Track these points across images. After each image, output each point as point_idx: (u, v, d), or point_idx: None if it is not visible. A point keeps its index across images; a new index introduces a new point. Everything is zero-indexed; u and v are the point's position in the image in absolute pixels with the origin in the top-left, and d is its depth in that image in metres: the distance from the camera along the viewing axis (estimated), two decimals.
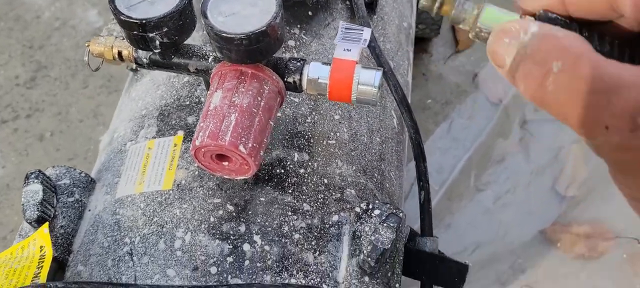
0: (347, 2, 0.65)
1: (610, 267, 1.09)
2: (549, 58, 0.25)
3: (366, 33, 0.41)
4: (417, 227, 0.58)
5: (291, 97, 0.54)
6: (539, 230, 1.14)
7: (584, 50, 0.25)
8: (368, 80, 0.41)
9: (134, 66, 0.46)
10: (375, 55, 0.60)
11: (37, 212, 0.46)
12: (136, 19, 0.38)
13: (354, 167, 0.53)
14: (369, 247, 0.45)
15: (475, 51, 1.38)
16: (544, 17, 0.29)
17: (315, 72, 0.41)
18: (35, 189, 0.46)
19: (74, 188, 0.51)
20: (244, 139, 0.39)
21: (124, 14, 0.38)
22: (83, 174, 0.52)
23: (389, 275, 0.47)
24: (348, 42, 0.42)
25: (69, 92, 1.32)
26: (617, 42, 0.27)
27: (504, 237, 1.14)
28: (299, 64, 0.42)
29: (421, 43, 1.38)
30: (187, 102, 0.54)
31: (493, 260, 1.12)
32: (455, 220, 1.15)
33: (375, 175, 0.56)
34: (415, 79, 1.32)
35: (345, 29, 0.41)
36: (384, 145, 0.60)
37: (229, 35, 0.36)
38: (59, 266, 0.48)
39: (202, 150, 0.40)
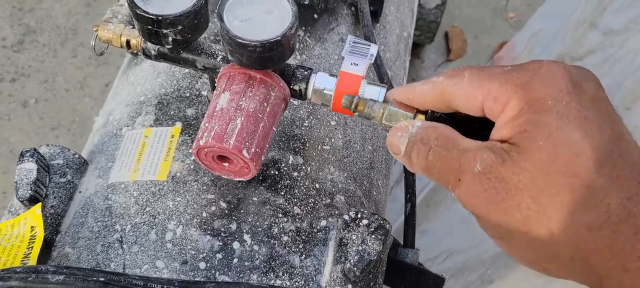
0: (352, 8, 0.65)
1: (573, 283, 1.13)
2: (430, 139, 0.36)
3: (373, 49, 0.42)
4: (393, 228, 0.60)
5: (291, 99, 0.55)
6: None
7: (450, 132, 0.36)
8: (373, 96, 0.42)
9: (142, 54, 0.46)
10: (376, 65, 0.61)
11: (30, 191, 0.46)
12: (152, 15, 0.38)
13: (345, 174, 0.55)
14: (356, 257, 0.46)
15: (466, 61, 1.40)
16: (430, 116, 0.39)
17: (322, 82, 0.42)
18: (30, 168, 0.46)
19: (67, 169, 0.51)
20: (247, 144, 0.39)
21: (140, 8, 0.38)
22: (77, 156, 0.52)
23: (371, 284, 0.48)
24: (355, 55, 0.43)
25: (57, 60, 1.30)
26: (475, 126, 0.38)
27: (476, 247, 1.16)
28: (306, 72, 0.43)
29: (414, 49, 1.39)
30: (187, 94, 0.54)
31: (464, 269, 1.15)
32: (432, 227, 1.18)
33: (365, 183, 0.57)
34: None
35: (353, 42, 0.42)
36: (374, 154, 0.61)
37: (243, 41, 0.37)
38: (46, 245, 0.48)
39: (205, 150, 0.40)
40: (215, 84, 0.43)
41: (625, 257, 0.30)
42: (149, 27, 0.39)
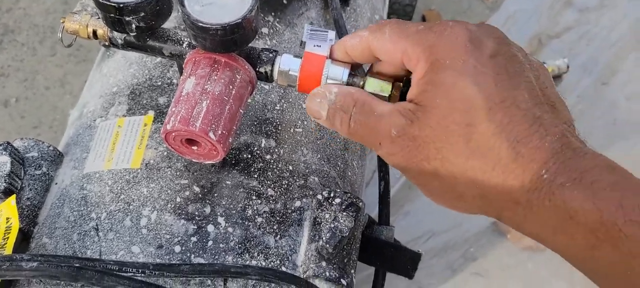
0: None
1: (554, 259, 1.15)
2: (349, 107, 0.39)
3: (331, 34, 0.43)
4: (376, 213, 0.61)
5: (262, 85, 0.56)
6: (492, 221, 1.19)
7: (365, 97, 0.39)
8: (337, 75, 0.43)
9: (110, 43, 0.47)
10: None
11: (4, 184, 0.46)
12: (114, 3, 0.38)
13: (319, 155, 0.55)
14: (328, 234, 0.47)
15: None
16: (406, 83, 0.41)
17: (287, 64, 0.43)
18: (3, 161, 0.47)
19: (42, 162, 0.51)
20: (214, 126, 0.40)
21: None
22: (51, 148, 0.53)
23: (345, 260, 0.49)
24: (315, 40, 0.43)
25: (36, 59, 1.30)
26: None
27: (459, 226, 1.18)
28: (271, 55, 0.43)
29: None
30: (159, 83, 0.55)
31: (447, 248, 1.16)
32: (414, 208, 1.19)
33: (339, 163, 0.58)
34: None
35: (311, 31, 0.43)
36: None
37: (204, 25, 0.38)
38: (23, 237, 0.49)
39: (173, 134, 0.41)
40: (183, 70, 0.44)
41: (515, 192, 0.34)
42: (112, 15, 0.39)
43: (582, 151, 0.34)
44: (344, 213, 0.48)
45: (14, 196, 0.46)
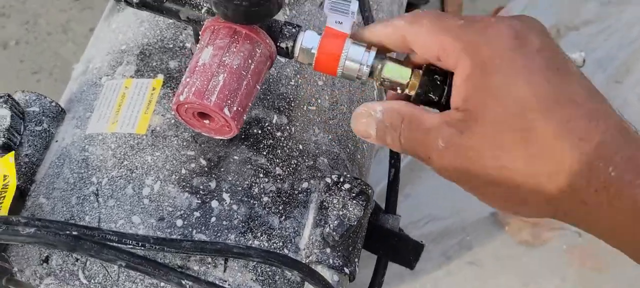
0: None
1: (549, 255, 1.15)
2: (397, 124, 0.38)
3: (353, 6, 0.40)
4: (376, 191, 0.59)
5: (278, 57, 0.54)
6: (492, 212, 1.18)
7: (413, 111, 0.38)
8: (356, 56, 0.40)
9: (123, 1, 0.44)
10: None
11: (3, 139, 0.44)
12: None
13: (330, 136, 0.54)
14: (335, 221, 0.45)
15: None
16: (425, 70, 0.39)
17: (310, 41, 0.40)
18: (3, 114, 0.45)
19: (43, 117, 0.49)
20: (229, 102, 0.38)
21: None
22: (54, 104, 0.50)
23: (350, 249, 0.48)
24: (337, 13, 0.41)
25: (39, 1, 1.26)
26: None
27: (458, 213, 1.17)
28: (294, 30, 0.41)
29: (408, 9, 1.37)
30: (171, 45, 0.52)
31: (444, 235, 1.16)
32: (415, 191, 1.18)
33: (349, 146, 0.56)
34: None
35: (332, 2, 0.40)
36: None
37: None
38: (20, 194, 0.47)
39: (186, 106, 0.39)
40: (199, 37, 0.42)
41: (582, 193, 0.33)
42: None
43: None
44: (354, 202, 0.46)
45: (12, 153, 0.44)
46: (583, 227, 0.35)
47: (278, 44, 0.41)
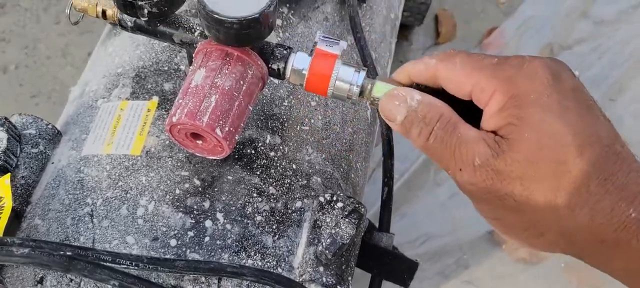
0: None
1: (547, 273, 1.15)
2: (433, 120, 0.37)
3: (343, 44, 0.41)
4: (371, 212, 0.60)
5: (270, 78, 0.54)
6: (488, 230, 1.18)
7: (450, 114, 0.37)
8: (347, 77, 0.41)
9: (118, 25, 0.45)
10: (360, 46, 0.60)
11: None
12: None
13: (323, 155, 0.54)
14: (328, 240, 0.46)
15: (454, 45, 1.39)
16: (415, 88, 0.39)
17: (301, 62, 0.41)
18: (0, 137, 0.45)
19: (39, 140, 0.50)
20: (221, 122, 0.39)
21: None
22: (50, 126, 0.51)
23: (343, 267, 0.48)
24: (327, 44, 0.42)
25: (39, 26, 1.27)
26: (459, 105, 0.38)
27: (455, 232, 1.17)
28: (285, 52, 0.42)
29: (402, 30, 1.38)
30: (166, 68, 0.53)
31: (441, 253, 1.16)
32: (411, 210, 1.18)
33: (343, 165, 0.57)
34: (392, 66, 1.32)
35: (323, 38, 0.41)
36: (354, 136, 0.60)
37: (220, 17, 0.36)
38: (15, 216, 0.47)
39: (178, 126, 0.40)
40: (193, 60, 0.43)
41: (602, 231, 0.34)
42: None
43: None
44: (346, 220, 0.47)
45: (8, 175, 0.44)
46: (597, 266, 0.36)
47: (270, 65, 0.42)
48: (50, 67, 1.23)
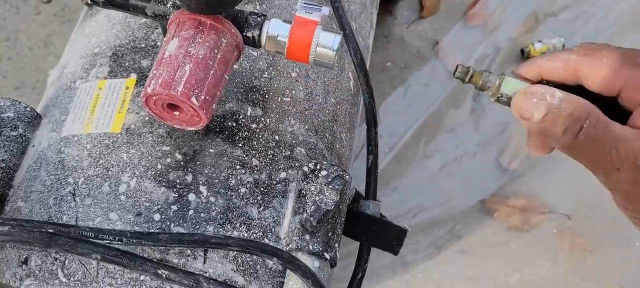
0: None
1: (539, 240, 1.16)
2: (581, 117, 0.35)
3: (325, 10, 0.41)
4: (361, 188, 0.60)
5: (249, 51, 0.54)
6: (480, 199, 1.18)
7: (600, 113, 0.35)
8: (327, 42, 0.41)
9: (89, 1, 0.44)
10: (338, 15, 0.60)
11: None
12: None
13: (306, 126, 0.54)
14: (312, 207, 0.46)
15: (438, 19, 1.39)
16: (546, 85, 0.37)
17: (276, 29, 0.41)
18: None
19: (18, 122, 0.49)
20: (196, 91, 0.38)
21: None
22: (28, 108, 0.51)
23: (329, 234, 0.48)
24: (308, 10, 0.42)
25: (19, 17, 1.26)
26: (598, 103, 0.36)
27: (446, 203, 1.18)
28: (259, 19, 0.42)
29: (386, 4, 1.38)
30: (143, 45, 0.53)
31: (433, 225, 1.16)
32: (402, 184, 1.19)
33: (327, 135, 0.56)
34: (376, 40, 1.32)
35: (304, 4, 0.41)
36: (338, 107, 0.60)
37: None
38: None
39: (154, 98, 0.39)
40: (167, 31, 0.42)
41: None
42: None
43: None
44: (330, 187, 0.47)
45: None
46: None
47: (244, 33, 0.42)
48: (32, 58, 1.22)
